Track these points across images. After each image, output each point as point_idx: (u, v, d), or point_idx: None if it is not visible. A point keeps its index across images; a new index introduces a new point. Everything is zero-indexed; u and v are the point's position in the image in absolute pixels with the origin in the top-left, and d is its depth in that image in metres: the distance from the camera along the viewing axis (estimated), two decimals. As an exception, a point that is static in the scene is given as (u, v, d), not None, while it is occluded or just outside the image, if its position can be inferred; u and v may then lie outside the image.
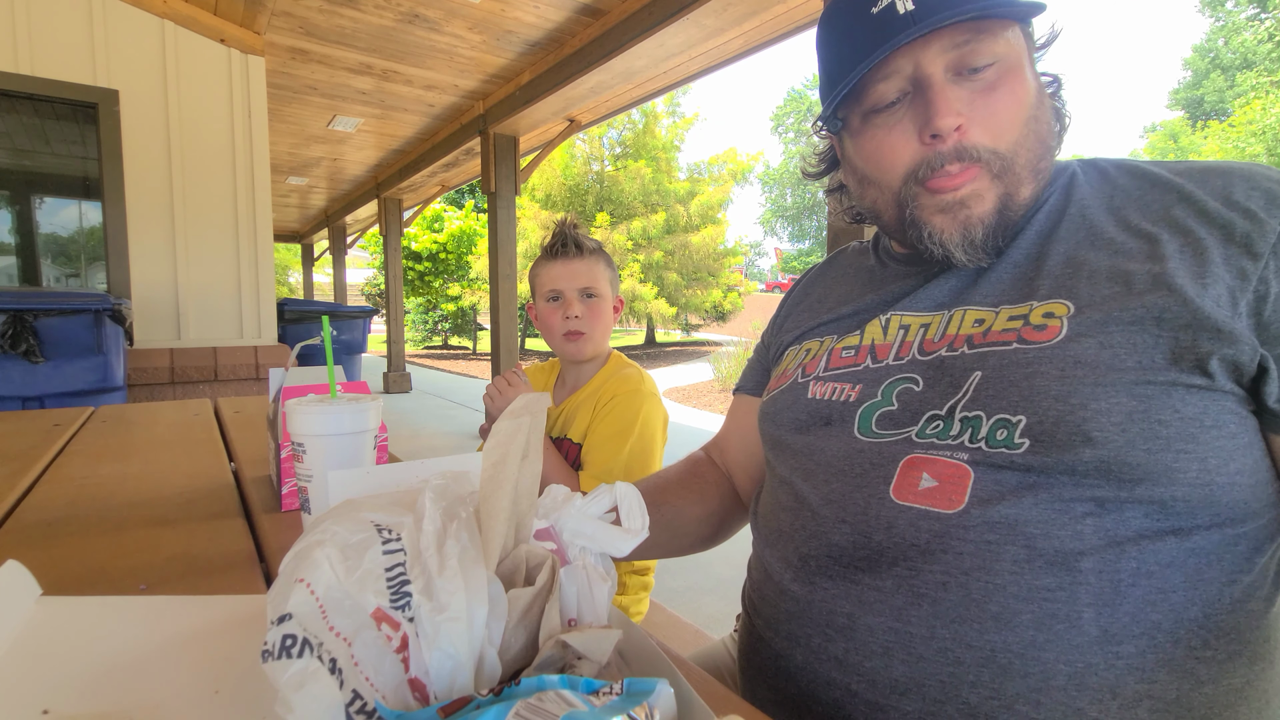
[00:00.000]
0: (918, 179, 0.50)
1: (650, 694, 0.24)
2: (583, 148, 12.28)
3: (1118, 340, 0.42)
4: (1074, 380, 0.42)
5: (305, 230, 9.62)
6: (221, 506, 0.68)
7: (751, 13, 2.58)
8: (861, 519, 0.47)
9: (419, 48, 3.31)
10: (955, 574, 0.42)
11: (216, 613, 0.41)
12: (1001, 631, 0.41)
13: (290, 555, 0.30)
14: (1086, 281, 0.45)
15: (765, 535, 0.57)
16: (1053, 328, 0.44)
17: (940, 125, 0.47)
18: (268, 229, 3.11)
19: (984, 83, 0.48)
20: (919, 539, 0.44)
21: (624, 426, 1.01)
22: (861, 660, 0.45)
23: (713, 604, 2.07)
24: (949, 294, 0.52)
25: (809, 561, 0.50)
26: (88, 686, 0.33)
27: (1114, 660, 0.39)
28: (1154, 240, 0.45)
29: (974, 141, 0.48)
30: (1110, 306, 0.43)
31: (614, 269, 1.14)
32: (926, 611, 0.43)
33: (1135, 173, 0.51)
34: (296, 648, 0.25)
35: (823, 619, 0.48)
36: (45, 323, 1.98)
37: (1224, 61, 24.11)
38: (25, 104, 2.64)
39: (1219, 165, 0.48)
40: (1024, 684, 0.40)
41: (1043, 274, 0.47)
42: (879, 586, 0.45)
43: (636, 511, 0.35)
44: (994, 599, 0.41)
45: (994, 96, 0.48)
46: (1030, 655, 0.40)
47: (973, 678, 0.41)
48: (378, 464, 0.57)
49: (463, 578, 0.28)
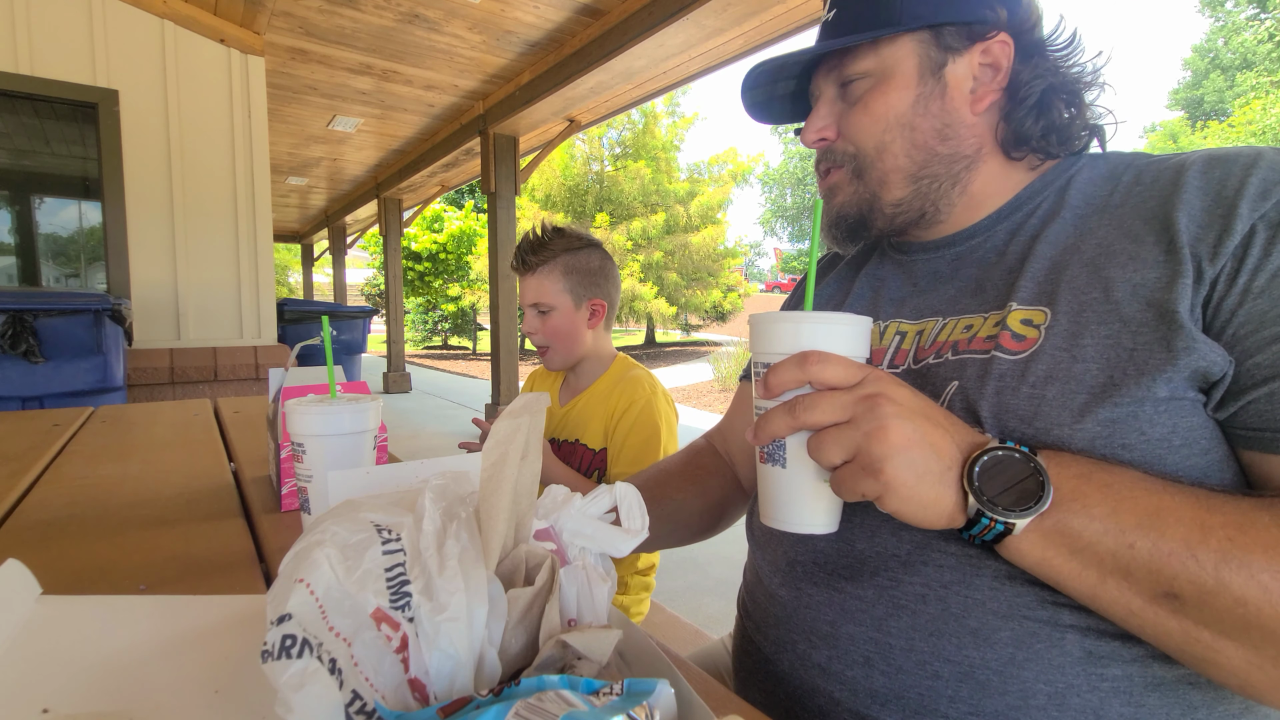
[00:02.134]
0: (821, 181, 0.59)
1: (650, 694, 0.24)
2: (582, 148, 12.27)
3: (1090, 354, 0.40)
4: (1040, 401, 0.41)
5: (305, 230, 9.62)
6: (221, 507, 0.68)
7: (751, 13, 2.58)
8: (845, 526, 0.46)
9: (419, 48, 3.31)
10: (935, 587, 0.42)
11: (216, 613, 0.41)
12: (980, 648, 0.40)
13: (290, 555, 0.30)
14: (1066, 287, 0.44)
15: (758, 538, 0.57)
16: (1030, 339, 0.43)
17: (803, 139, 0.56)
18: (267, 229, 3.11)
19: (853, 96, 0.54)
20: (900, 549, 0.44)
21: (651, 433, 1.03)
22: (844, 669, 0.45)
23: (712, 604, 2.07)
24: (944, 301, 0.52)
25: (795, 567, 0.50)
26: (87, 686, 0.33)
27: (1098, 682, 0.38)
28: (1139, 242, 0.43)
29: (836, 147, 0.55)
30: (1086, 316, 0.42)
31: (582, 272, 1.08)
32: (906, 623, 0.43)
33: (1142, 166, 0.48)
34: (296, 648, 0.25)
35: (807, 625, 0.48)
36: (45, 323, 1.98)
37: (1224, 62, 24.06)
38: (25, 104, 2.64)
39: (1231, 151, 0.44)
40: (1002, 701, 0.40)
41: (1026, 277, 0.46)
42: (861, 595, 0.45)
43: (636, 511, 0.35)
44: (973, 614, 0.41)
45: (854, 109, 0.53)
46: (1009, 673, 0.39)
47: (951, 692, 0.41)
48: (377, 464, 0.57)
49: (462, 578, 0.28)
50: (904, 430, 0.36)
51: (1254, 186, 0.39)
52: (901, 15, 0.50)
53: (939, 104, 0.51)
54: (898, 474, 0.35)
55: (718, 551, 2.49)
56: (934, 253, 0.55)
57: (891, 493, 0.36)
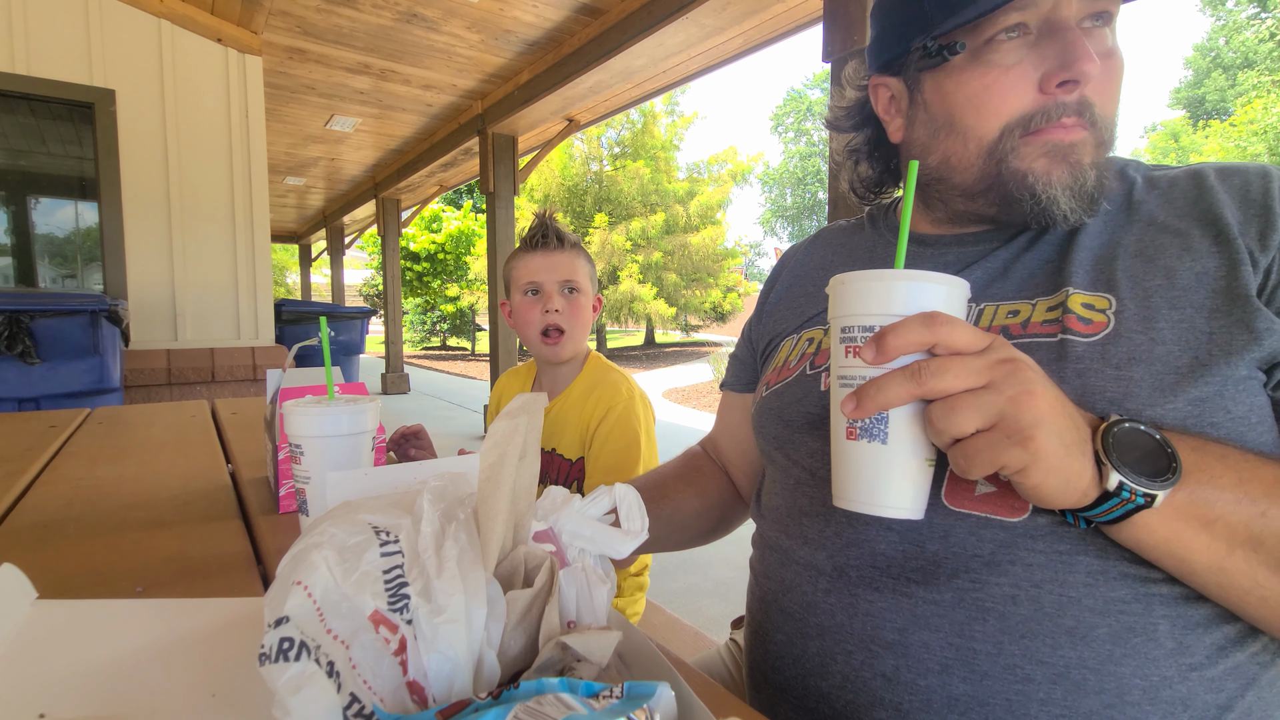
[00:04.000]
0: (1027, 128, 0.46)
1: (650, 697, 0.24)
2: (581, 148, 12.27)
3: (1168, 336, 0.40)
4: (1129, 382, 0.40)
5: (303, 231, 9.61)
6: (219, 508, 0.68)
7: (751, 11, 2.58)
8: (910, 526, 0.44)
9: (417, 47, 3.31)
10: (1025, 586, 0.40)
11: (213, 615, 0.40)
12: (1077, 646, 0.39)
13: (288, 557, 0.29)
14: (1124, 276, 0.43)
15: (780, 544, 0.54)
16: (1098, 322, 0.42)
17: (1086, 69, 0.43)
18: (265, 229, 3.11)
19: (1103, 42, 0.44)
20: (981, 549, 0.42)
21: (630, 441, 1.00)
22: (915, 678, 0.42)
23: (712, 606, 2.07)
24: (976, 288, 0.49)
25: (847, 572, 0.47)
26: (84, 690, 0.32)
27: (1187, 673, 0.38)
28: (1185, 236, 0.44)
29: (1092, 101, 0.45)
30: (1155, 301, 0.41)
31: (593, 265, 1.12)
32: (993, 626, 0.41)
33: (1141, 170, 0.50)
34: (294, 651, 0.24)
35: (866, 634, 0.45)
36: (41, 324, 1.98)
37: (1225, 60, 24.03)
38: (21, 104, 2.63)
39: (1237, 164, 0.47)
40: (1098, 700, 0.38)
41: (1074, 264, 0.46)
42: (937, 600, 0.42)
43: (636, 513, 0.35)
44: (1068, 612, 0.39)
45: (1111, 61, 0.45)
46: (1106, 670, 0.38)
47: (1043, 695, 0.39)
48: (375, 465, 0.56)
49: (461, 580, 0.28)
50: (1051, 397, 0.34)
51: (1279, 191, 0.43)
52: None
53: None
54: (1049, 443, 0.33)
55: (718, 553, 2.49)
56: (956, 247, 0.54)
57: (1039, 463, 0.33)
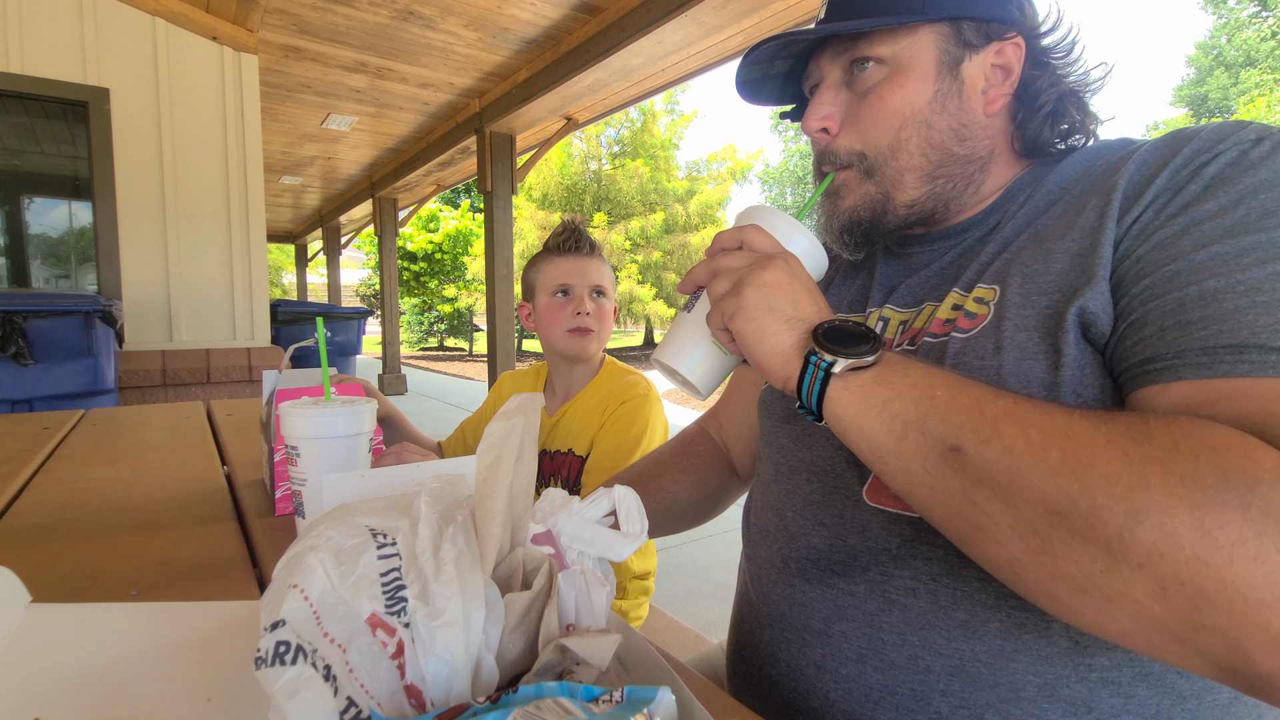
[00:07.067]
0: (819, 172, 0.55)
1: (651, 701, 0.24)
2: (580, 146, 12.25)
3: (1032, 323, 0.41)
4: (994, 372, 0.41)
5: (299, 230, 9.57)
6: (214, 511, 0.67)
7: (750, 9, 2.58)
8: (837, 521, 0.47)
9: (414, 45, 3.30)
10: (924, 580, 0.42)
11: (209, 619, 0.40)
12: (970, 640, 0.40)
13: (284, 560, 0.29)
14: (1017, 264, 0.44)
15: (753, 538, 0.57)
16: (980, 315, 0.44)
17: (803, 125, 0.53)
18: (261, 229, 3.09)
19: (863, 86, 0.51)
20: (890, 543, 0.44)
21: (638, 432, 1.00)
22: (838, 666, 0.45)
23: (712, 608, 2.07)
24: (928, 289, 0.51)
25: (789, 564, 0.50)
26: (79, 694, 0.32)
27: (1086, 673, 0.38)
28: (1081, 213, 0.43)
29: (839, 147, 0.52)
30: (1030, 288, 0.42)
31: (614, 273, 1.16)
32: (897, 618, 0.43)
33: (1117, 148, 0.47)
34: (290, 654, 0.24)
35: (801, 623, 0.48)
36: (34, 325, 1.96)
37: (1227, 59, 24.00)
38: (15, 103, 2.62)
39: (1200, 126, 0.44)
40: (993, 694, 0.40)
41: (986, 258, 0.47)
42: (853, 591, 0.45)
43: (635, 515, 0.35)
44: (962, 606, 0.41)
45: (866, 101, 0.50)
46: (999, 665, 0.40)
47: (943, 686, 0.41)
48: (372, 467, 0.56)
49: (459, 582, 0.28)
50: (778, 275, 0.41)
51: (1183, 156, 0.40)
52: (925, 4, 0.48)
53: (956, 102, 0.49)
54: (755, 296, 0.40)
55: (717, 555, 2.49)
56: (929, 245, 0.54)
57: (742, 311, 0.40)
